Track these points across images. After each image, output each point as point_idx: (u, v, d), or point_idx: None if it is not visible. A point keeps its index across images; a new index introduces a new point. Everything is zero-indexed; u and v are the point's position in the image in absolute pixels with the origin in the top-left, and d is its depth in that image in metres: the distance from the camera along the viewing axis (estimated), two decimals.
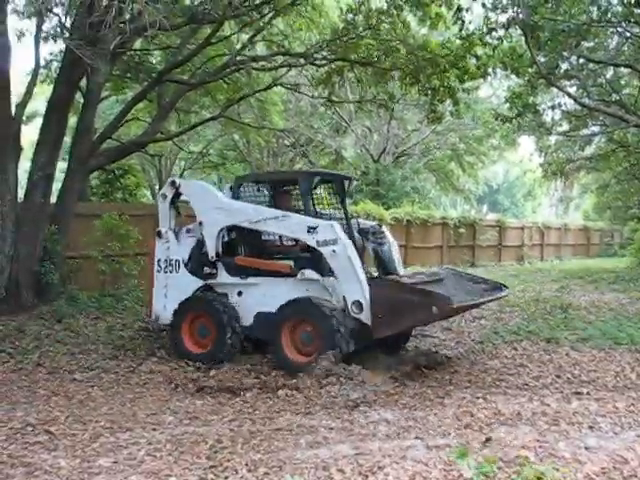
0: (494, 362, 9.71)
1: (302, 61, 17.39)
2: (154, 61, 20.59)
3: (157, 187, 35.22)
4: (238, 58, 16.65)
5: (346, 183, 10.90)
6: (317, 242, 9.16)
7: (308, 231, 9.23)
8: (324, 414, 7.08)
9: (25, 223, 12.64)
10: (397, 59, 16.10)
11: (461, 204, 57.12)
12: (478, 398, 7.56)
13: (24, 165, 16.12)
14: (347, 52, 16.42)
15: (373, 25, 15.93)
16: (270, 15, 16.36)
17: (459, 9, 15.27)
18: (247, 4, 15.02)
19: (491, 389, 8.12)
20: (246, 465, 5.33)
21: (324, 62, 17.18)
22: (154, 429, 6.46)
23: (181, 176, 36.76)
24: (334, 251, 9.02)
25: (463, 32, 15.68)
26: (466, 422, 6.53)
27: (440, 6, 15.54)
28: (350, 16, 16.23)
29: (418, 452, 5.55)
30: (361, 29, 16.09)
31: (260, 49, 21.29)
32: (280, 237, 10.51)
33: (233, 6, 13.92)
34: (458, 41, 16.08)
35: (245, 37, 18.36)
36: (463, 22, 15.48)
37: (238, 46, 17.92)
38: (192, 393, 8.16)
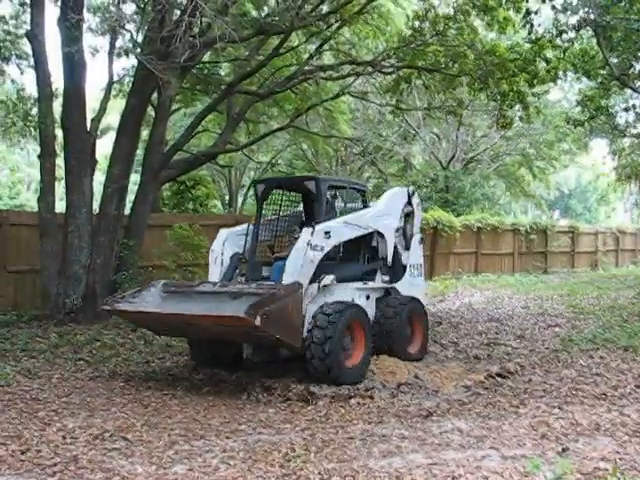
0: (569, 371, 9.47)
1: (369, 69, 17.42)
2: (223, 73, 20.94)
3: (227, 197, 35.66)
4: (306, 68, 16.80)
5: (310, 184, 10.00)
6: None
7: None
8: (397, 423, 7.03)
9: (100, 234, 12.96)
10: (465, 64, 15.98)
11: (532, 210, 56.11)
12: (554, 408, 7.38)
13: (99, 178, 16.55)
14: (414, 59, 16.39)
15: (440, 31, 15.88)
16: (337, 24, 16.46)
17: (528, 12, 15.05)
18: (314, 14, 15.13)
19: (567, 399, 7.93)
20: (319, 474, 5.33)
21: (391, 70, 17.18)
22: (228, 437, 6.52)
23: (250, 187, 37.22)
24: None
25: (532, 35, 15.47)
26: (542, 432, 6.39)
27: (508, 10, 15.37)
28: (417, 23, 16.19)
29: (493, 462, 5.46)
30: (428, 35, 16.05)
31: (327, 58, 21.40)
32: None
33: (300, 17, 14.06)
34: (527, 45, 15.87)
35: (312, 47, 18.52)
36: (532, 25, 15.27)
37: (305, 56, 18.08)
38: (265, 402, 8.20)
